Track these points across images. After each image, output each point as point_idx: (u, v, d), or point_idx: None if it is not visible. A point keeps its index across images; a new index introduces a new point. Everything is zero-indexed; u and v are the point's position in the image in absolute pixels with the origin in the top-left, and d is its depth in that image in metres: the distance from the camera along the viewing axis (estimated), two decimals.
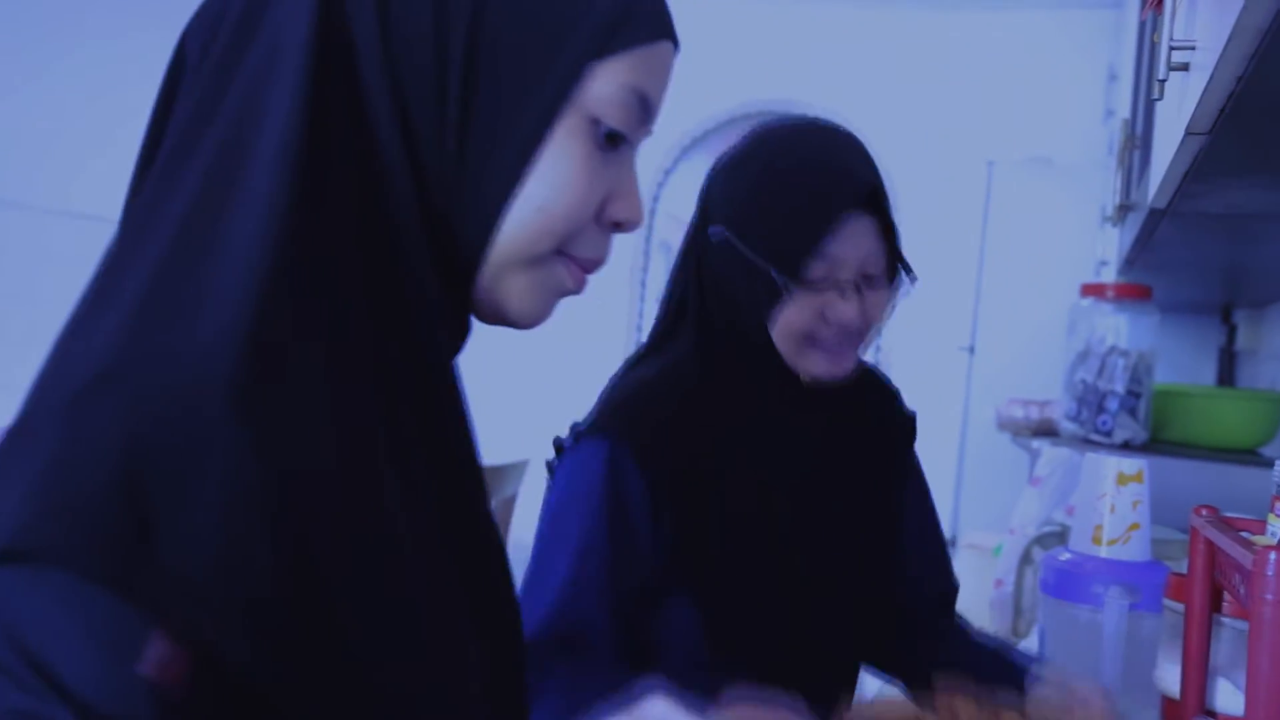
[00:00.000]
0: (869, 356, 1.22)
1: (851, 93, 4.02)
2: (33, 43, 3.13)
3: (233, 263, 0.49)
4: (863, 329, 1.07)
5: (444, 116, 0.57)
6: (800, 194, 1.05)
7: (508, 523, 2.73)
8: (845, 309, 1.04)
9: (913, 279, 1.10)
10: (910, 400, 1.39)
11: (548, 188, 0.59)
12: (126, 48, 2.85)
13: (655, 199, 4.31)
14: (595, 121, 0.60)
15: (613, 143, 0.61)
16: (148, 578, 0.42)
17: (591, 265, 0.64)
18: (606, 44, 0.59)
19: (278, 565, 0.45)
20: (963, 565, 2.47)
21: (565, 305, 0.96)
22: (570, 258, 0.62)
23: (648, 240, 4.33)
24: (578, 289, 0.64)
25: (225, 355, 0.46)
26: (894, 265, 1.08)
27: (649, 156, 4.31)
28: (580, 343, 3.60)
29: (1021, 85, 3.83)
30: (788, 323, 1.05)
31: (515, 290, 0.61)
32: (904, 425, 1.24)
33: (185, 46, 0.57)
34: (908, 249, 1.09)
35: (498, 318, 0.63)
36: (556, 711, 1.02)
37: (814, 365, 1.07)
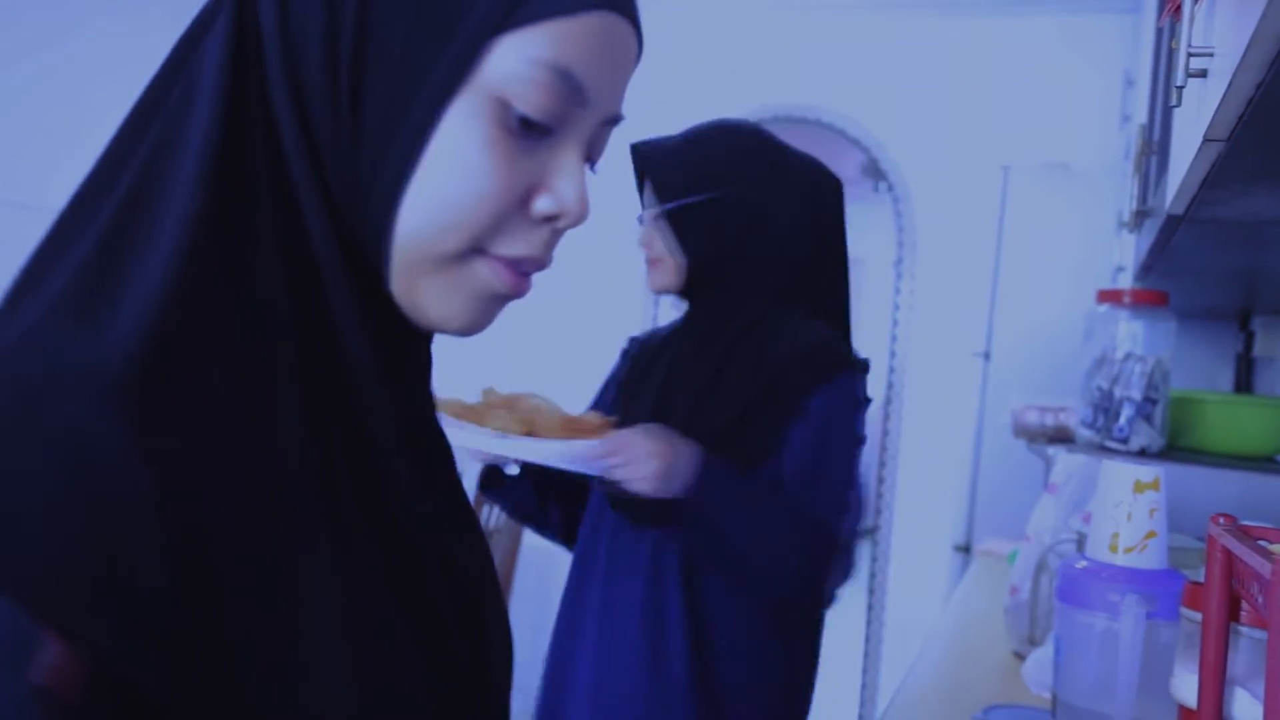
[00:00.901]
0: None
1: (867, 98, 4.02)
2: (15, 37, 3.12)
3: (145, 268, 0.48)
4: (658, 253, 1.50)
5: (338, 108, 0.53)
6: None
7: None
8: (640, 235, 1.53)
9: (666, 210, 1.49)
10: (925, 406, 1.40)
11: (444, 179, 0.54)
12: (107, 42, 2.86)
13: None
14: (504, 104, 0.54)
15: (532, 128, 0.55)
16: (30, 569, 0.41)
17: (525, 264, 0.58)
18: (510, 15, 0.53)
19: (163, 568, 0.43)
20: (978, 572, 2.46)
21: (581, 314, 0.95)
22: (494, 256, 0.56)
23: None
24: (512, 291, 0.58)
25: (120, 357, 0.45)
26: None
27: None
28: (595, 349, 3.60)
29: (1037, 90, 3.82)
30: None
31: (431, 294, 0.56)
32: (796, 359, 1.48)
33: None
34: (924, 254, 1.13)
35: (425, 323, 0.58)
36: None
37: (649, 282, 1.55)
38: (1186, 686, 0.83)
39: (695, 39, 4.15)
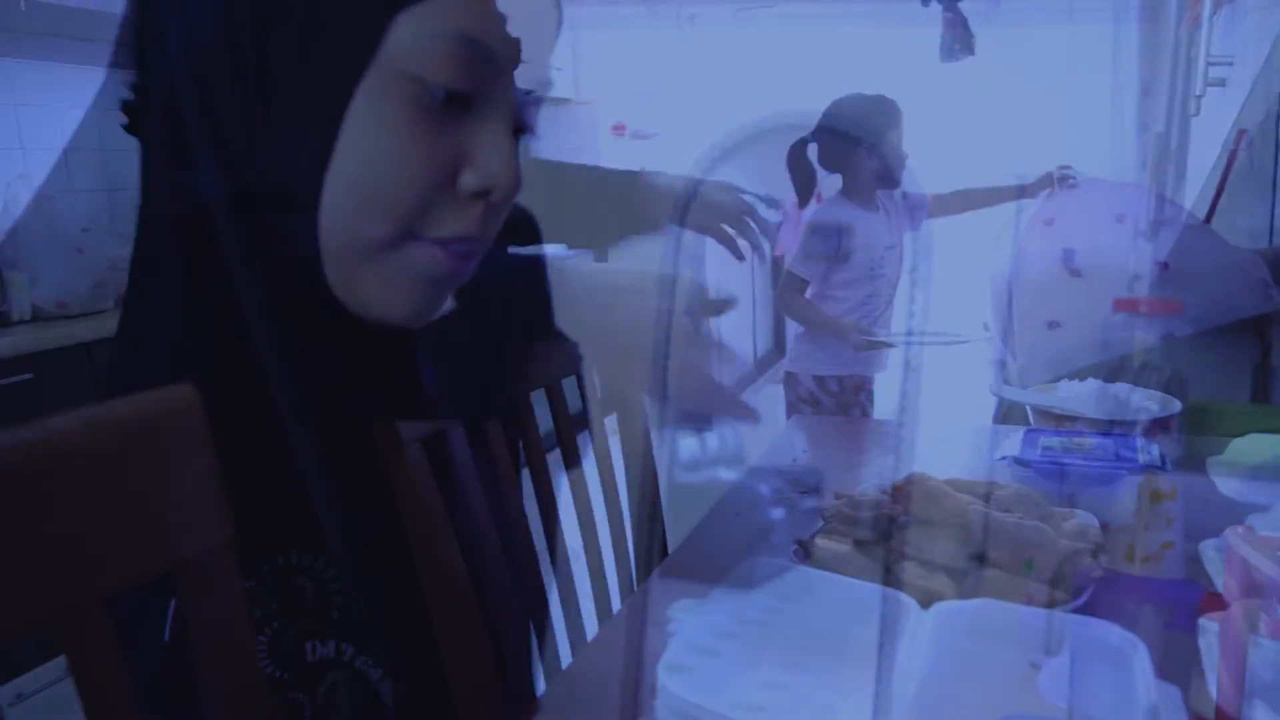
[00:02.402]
0: None
1: None
2: None
3: None
4: None
5: (249, 114, 0.52)
6: None
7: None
8: None
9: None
10: (940, 415, 1.39)
11: (361, 165, 0.52)
12: None
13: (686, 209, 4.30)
14: (415, 80, 0.52)
15: (450, 103, 0.53)
16: None
17: (460, 245, 0.56)
18: None
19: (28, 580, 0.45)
20: (993, 580, 2.45)
21: None
22: (428, 239, 0.55)
23: (677, 251, 4.32)
24: (450, 273, 0.56)
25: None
26: None
27: (679, 167, 4.30)
28: None
29: (1053, 99, 3.81)
30: None
31: (369, 284, 0.55)
32: None
33: None
34: (939, 261, 1.12)
35: (368, 314, 0.57)
36: None
37: None
38: (1204, 698, 0.83)
39: (712, 48, 4.15)
